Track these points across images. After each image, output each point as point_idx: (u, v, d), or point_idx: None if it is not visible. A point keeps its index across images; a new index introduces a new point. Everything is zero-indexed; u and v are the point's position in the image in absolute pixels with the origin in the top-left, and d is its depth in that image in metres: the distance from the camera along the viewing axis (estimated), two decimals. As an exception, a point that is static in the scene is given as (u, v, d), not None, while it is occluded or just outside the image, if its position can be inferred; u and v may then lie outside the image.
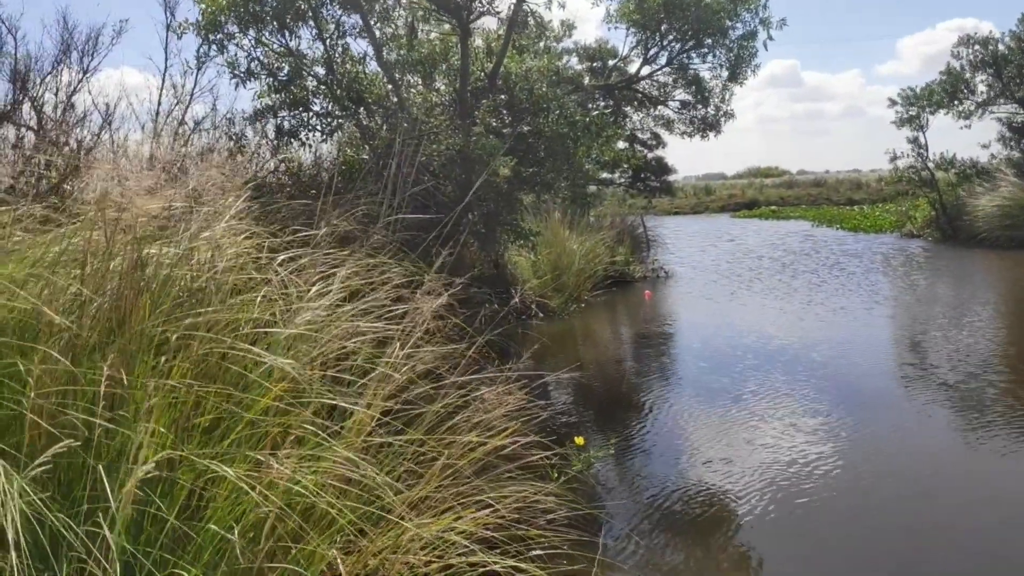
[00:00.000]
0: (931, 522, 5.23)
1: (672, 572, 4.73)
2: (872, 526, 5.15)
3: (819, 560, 4.83)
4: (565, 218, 15.48)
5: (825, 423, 7.18)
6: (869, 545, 4.92)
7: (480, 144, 8.92)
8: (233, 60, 9.36)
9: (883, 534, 5.06)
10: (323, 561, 3.15)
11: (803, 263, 19.17)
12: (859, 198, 45.76)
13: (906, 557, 4.80)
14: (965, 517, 5.25)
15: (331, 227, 4.55)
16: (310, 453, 3.21)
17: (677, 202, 40.57)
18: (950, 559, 4.78)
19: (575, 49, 17.57)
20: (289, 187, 7.75)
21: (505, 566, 3.44)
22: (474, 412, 4.14)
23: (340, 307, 4.00)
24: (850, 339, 10.89)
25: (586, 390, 8.68)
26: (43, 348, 2.90)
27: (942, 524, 5.19)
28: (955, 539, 5.00)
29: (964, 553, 4.82)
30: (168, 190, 4.37)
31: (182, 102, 8.28)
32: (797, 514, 5.36)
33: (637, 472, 6.29)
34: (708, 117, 15.72)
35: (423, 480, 3.66)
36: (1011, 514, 5.26)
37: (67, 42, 7.85)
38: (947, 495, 5.62)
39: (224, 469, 2.78)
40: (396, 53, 10.86)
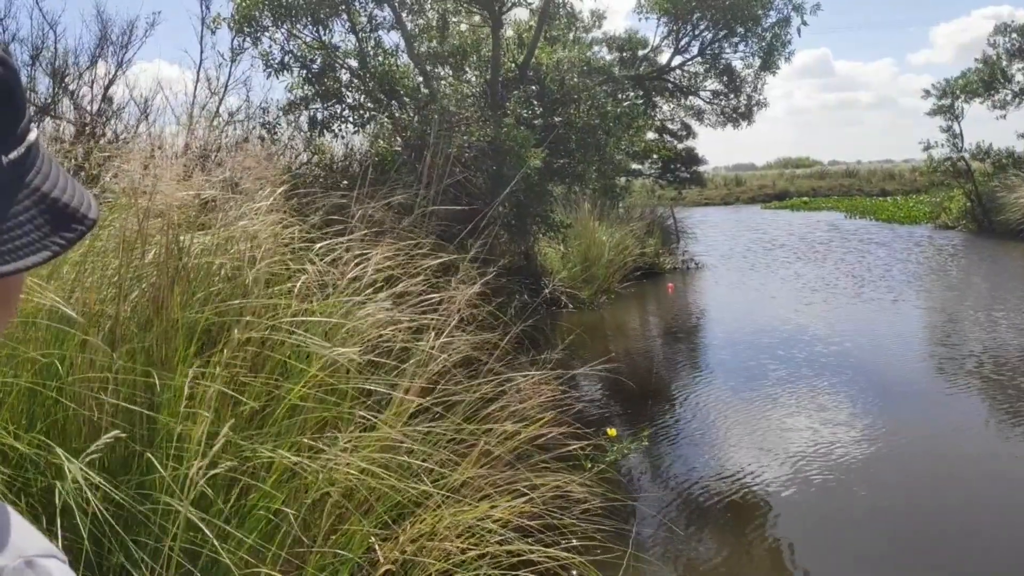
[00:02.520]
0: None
1: (703, 563, 4.71)
2: (905, 521, 5.10)
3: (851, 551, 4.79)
4: (595, 209, 15.43)
5: (856, 414, 7.12)
6: (900, 540, 4.87)
7: (511, 135, 8.91)
8: (267, 53, 9.44)
9: (911, 535, 5.01)
10: (363, 546, 3.18)
11: (835, 254, 18.96)
12: (892, 189, 45.13)
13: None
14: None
15: (366, 217, 4.58)
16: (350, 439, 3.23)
17: (707, 193, 40.24)
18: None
19: (604, 39, 17.48)
20: (322, 178, 7.79)
21: (542, 555, 3.45)
22: (510, 401, 4.15)
23: (376, 295, 4.02)
24: (883, 331, 10.76)
25: (617, 381, 8.65)
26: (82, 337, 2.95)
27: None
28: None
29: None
30: (201, 178, 4.41)
31: (216, 94, 8.35)
32: (829, 506, 5.32)
33: (669, 463, 6.27)
34: (740, 107, 15.56)
35: (460, 467, 3.68)
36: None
37: (103, 35, 7.94)
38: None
39: (283, 454, 2.81)
40: (427, 45, 10.87)
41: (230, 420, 2.99)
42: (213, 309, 3.46)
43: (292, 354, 3.42)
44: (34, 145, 0.68)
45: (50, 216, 0.66)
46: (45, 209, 0.66)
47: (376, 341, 3.77)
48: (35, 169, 0.67)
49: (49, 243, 0.65)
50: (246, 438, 2.98)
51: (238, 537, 2.78)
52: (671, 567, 4.65)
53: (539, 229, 11.08)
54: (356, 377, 3.58)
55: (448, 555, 3.39)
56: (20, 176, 0.65)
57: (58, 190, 0.68)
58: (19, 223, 0.64)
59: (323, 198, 5.12)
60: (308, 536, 3.04)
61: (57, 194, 0.67)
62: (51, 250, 0.65)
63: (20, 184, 0.65)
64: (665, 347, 11.00)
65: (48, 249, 0.65)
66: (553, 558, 3.48)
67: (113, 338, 3.14)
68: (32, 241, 0.64)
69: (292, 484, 2.92)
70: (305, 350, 3.39)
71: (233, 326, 3.23)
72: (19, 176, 0.65)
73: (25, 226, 0.64)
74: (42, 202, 0.66)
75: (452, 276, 4.63)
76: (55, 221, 0.66)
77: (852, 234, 23.95)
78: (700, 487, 5.71)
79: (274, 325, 3.41)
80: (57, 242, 0.66)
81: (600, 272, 14.06)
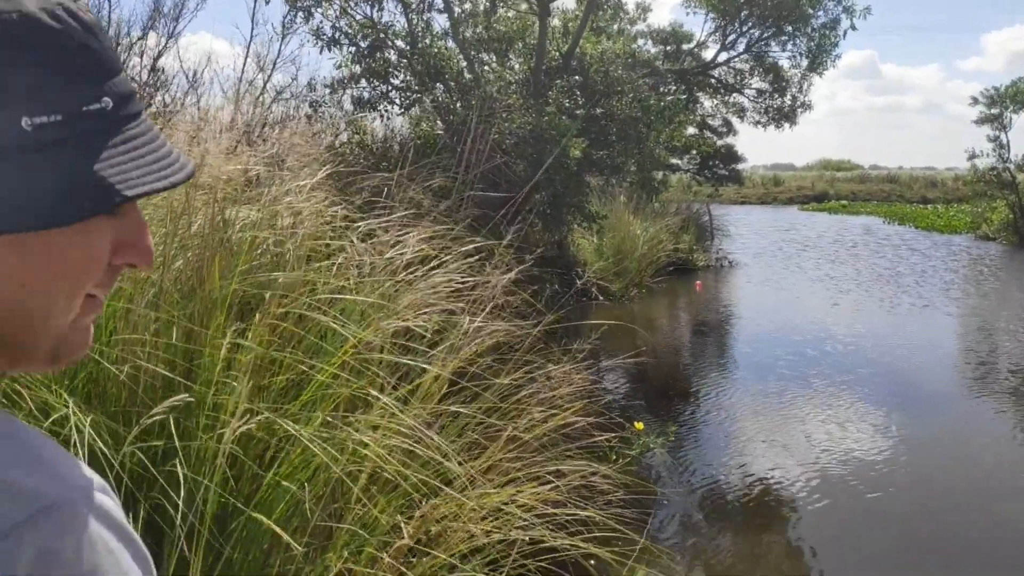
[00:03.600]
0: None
1: (722, 560, 4.72)
2: (926, 530, 5.07)
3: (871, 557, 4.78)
4: (630, 203, 15.38)
5: (881, 419, 7.08)
6: (920, 547, 4.84)
7: (553, 124, 8.90)
8: (318, 28, 9.52)
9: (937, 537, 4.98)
10: (388, 524, 3.23)
11: (869, 259, 18.76)
12: (933, 197, 44.45)
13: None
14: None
15: (406, 197, 4.62)
16: (378, 419, 3.28)
17: (744, 191, 39.92)
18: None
19: (649, 32, 17.36)
20: (362, 159, 7.85)
21: (563, 543, 3.48)
22: (540, 388, 4.18)
23: (412, 276, 4.06)
24: (913, 337, 10.66)
25: (645, 375, 8.65)
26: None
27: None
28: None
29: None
30: (248, 153, 4.47)
31: (265, 70, 8.43)
32: (850, 510, 5.29)
33: (693, 459, 6.27)
34: (784, 107, 15.38)
35: (488, 451, 3.71)
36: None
37: (156, 6, 8.05)
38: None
39: (294, 427, 2.86)
40: (473, 30, 10.87)
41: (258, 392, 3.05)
42: (252, 281, 3.51)
43: (327, 332, 3.47)
44: (116, 103, 0.69)
45: (153, 159, 0.69)
46: (147, 152, 0.69)
47: (410, 323, 3.80)
48: (137, 122, 0.70)
49: (156, 179, 0.68)
50: (275, 411, 3.03)
51: (267, 507, 2.84)
52: (691, 563, 4.67)
53: (574, 219, 11.06)
54: (388, 357, 3.63)
55: (472, 537, 3.43)
56: (118, 124, 0.68)
57: (158, 144, 0.70)
58: (122, 161, 0.67)
59: (365, 178, 5.16)
60: (334, 512, 3.09)
61: (157, 146, 0.70)
62: (163, 184, 0.68)
63: (109, 133, 0.67)
64: (694, 343, 10.97)
65: (160, 182, 0.68)
66: (575, 546, 3.51)
67: (157, 304, 3.21)
68: (143, 175, 0.67)
69: (318, 460, 2.96)
70: (339, 328, 3.44)
71: (270, 299, 3.28)
72: (117, 124, 0.68)
73: (132, 162, 0.67)
74: (148, 143, 0.69)
75: (487, 262, 4.66)
76: (157, 166, 0.69)
77: (889, 239, 23.64)
78: (723, 485, 5.71)
79: (310, 302, 3.46)
80: (164, 176, 0.69)
81: (632, 266, 14.03)
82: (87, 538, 0.62)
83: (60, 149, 0.65)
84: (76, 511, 0.63)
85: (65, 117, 0.65)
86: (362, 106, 9.72)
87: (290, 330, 3.34)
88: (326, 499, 3.12)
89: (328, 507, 3.12)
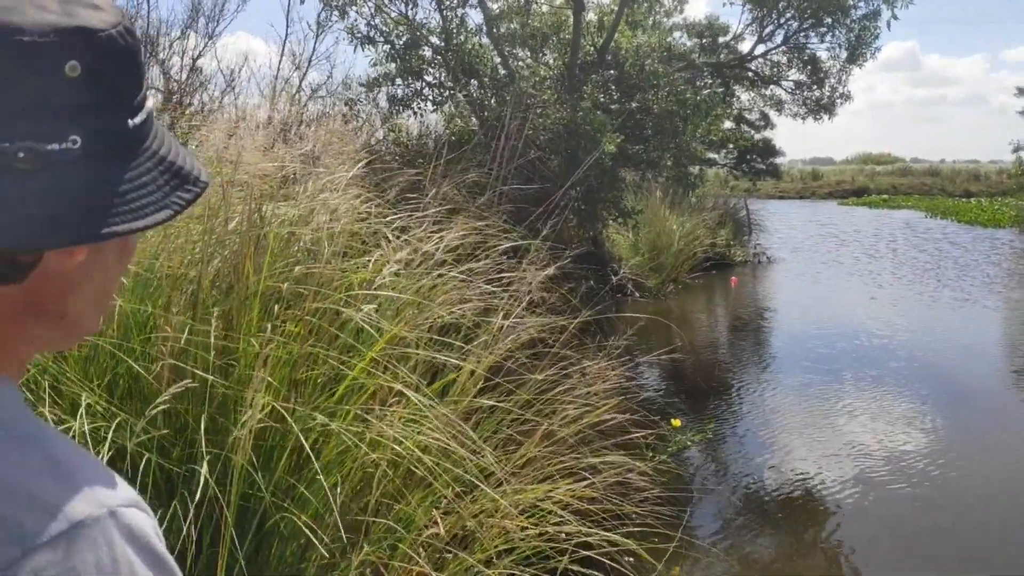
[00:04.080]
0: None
1: (758, 559, 4.67)
2: (970, 531, 4.96)
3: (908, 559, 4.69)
4: (666, 198, 15.26)
5: (923, 416, 6.95)
6: (963, 549, 4.74)
7: (587, 119, 8.86)
8: (353, 25, 9.58)
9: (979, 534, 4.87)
10: (424, 519, 3.23)
11: (910, 253, 18.44)
12: (976, 190, 43.54)
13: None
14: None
15: (440, 194, 4.62)
16: (412, 414, 3.28)
17: (782, 186, 39.44)
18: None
19: (684, 25, 17.19)
20: (398, 156, 7.88)
21: (599, 539, 3.46)
22: (575, 385, 4.16)
23: (447, 272, 4.06)
24: (954, 333, 10.46)
25: (681, 372, 8.59)
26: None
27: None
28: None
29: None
30: (284, 151, 4.50)
31: (300, 68, 8.50)
32: (890, 511, 5.20)
33: (730, 457, 6.21)
34: (823, 99, 15.13)
35: (523, 447, 3.70)
36: None
37: (196, 7, 8.15)
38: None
39: (326, 419, 2.87)
40: (507, 26, 10.85)
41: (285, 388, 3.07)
42: (287, 275, 3.53)
43: (362, 328, 3.47)
44: (151, 113, 0.73)
45: (168, 177, 0.71)
46: (164, 171, 0.71)
47: (445, 318, 3.81)
48: (152, 135, 0.72)
49: (169, 203, 0.70)
50: (311, 406, 3.05)
51: (301, 502, 2.86)
52: (729, 560, 4.62)
53: (609, 215, 11.00)
54: (423, 353, 3.63)
55: (507, 532, 3.43)
56: (140, 140, 0.70)
57: (172, 154, 0.72)
58: (142, 183, 0.68)
59: (399, 175, 5.18)
60: (369, 507, 3.10)
61: (173, 158, 0.72)
62: (172, 209, 0.70)
63: (140, 148, 0.70)
64: (731, 340, 10.87)
65: (169, 208, 0.70)
66: (611, 542, 3.49)
67: (195, 301, 3.24)
68: (154, 201, 0.69)
69: (352, 455, 2.97)
70: (375, 324, 3.45)
71: (306, 295, 3.30)
72: (140, 140, 0.70)
73: (148, 186, 0.69)
74: (160, 164, 0.71)
75: (522, 258, 4.64)
76: (173, 182, 0.71)
77: (930, 233, 23.22)
78: (760, 482, 5.65)
79: (345, 297, 3.48)
80: (176, 202, 0.71)
81: (669, 261, 13.92)
82: (111, 558, 0.61)
83: (145, 150, 0.70)
84: (103, 530, 0.62)
85: (144, 119, 0.71)
86: (396, 104, 9.76)
87: (325, 328, 3.36)
88: (360, 495, 3.13)
89: (363, 502, 3.13)
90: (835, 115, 15.27)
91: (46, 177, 0.63)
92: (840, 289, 14.19)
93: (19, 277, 0.66)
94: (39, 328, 0.71)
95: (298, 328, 3.20)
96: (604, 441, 4.19)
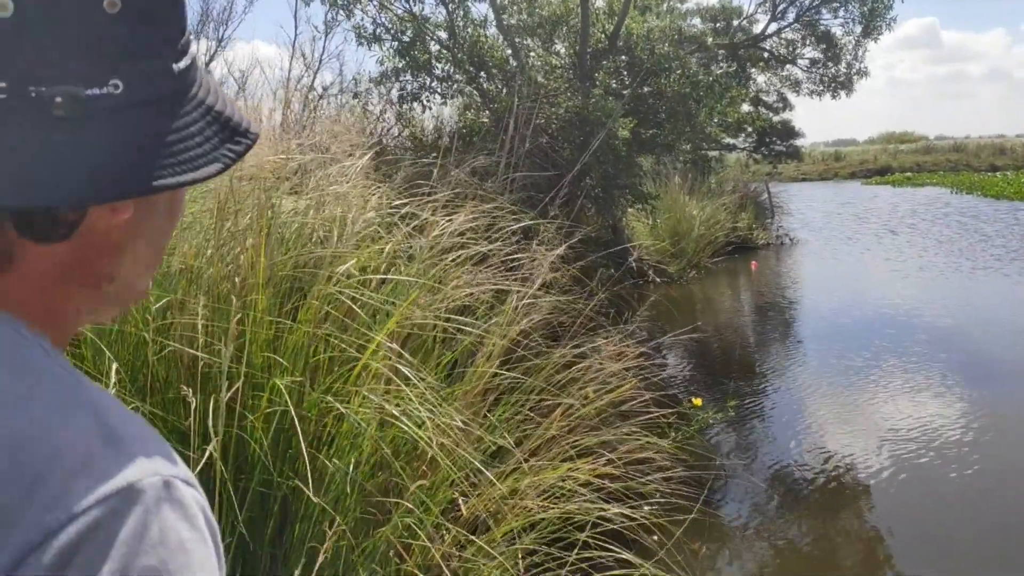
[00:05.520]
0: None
1: (784, 540, 4.63)
2: (1005, 512, 4.88)
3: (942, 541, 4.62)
4: (685, 183, 15.18)
5: (953, 395, 6.83)
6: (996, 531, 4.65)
7: (599, 106, 8.82)
8: (359, 25, 9.62)
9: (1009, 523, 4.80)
10: (444, 501, 3.24)
11: (935, 230, 18.19)
12: (1002, 164, 42.86)
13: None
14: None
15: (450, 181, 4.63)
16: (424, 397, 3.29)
17: (804, 168, 39.07)
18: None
19: (697, 11, 17.08)
20: (411, 150, 7.91)
21: (619, 515, 3.46)
22: (593, 364, 4.16)
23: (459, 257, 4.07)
24: (984, 309, 10.28)
25: (702, 353, 8.55)
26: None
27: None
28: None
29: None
30: (293, 142, 4.53)
31: (311, 68, 8.55)
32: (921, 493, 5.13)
33: (753, 437, 6.16)
34: (839, 75, 14.96)
35: (542, 426, 3.71)
36: None
37: (205, 12, 8.22)
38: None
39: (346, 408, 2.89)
40: (515, 17, 10.84)
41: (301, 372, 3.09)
42: (298, 266, 3.56)
43: (376, 313, 3.50)
44: (196, 59, 0.68)
45: (218, 128, 0.67)
46: (212, 121, 0.67)
47: (459, 300, 3.82)
48: (197, 82, 0.68)
49: (219, 155, 0.66)
50: (328, 391, 3.07)
51: (321, 484, 2.88)
52: (752, 538, 4.59)
53: (627, 202, 10.96)
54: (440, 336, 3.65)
55: (529, 511, 3.43)
56: (186, 88, 0.66)
57: (220, 104, 0.68)
58: (189, 134, 0.64)
59: (409, 166, 5.20)
60: (391, 487, 3.12)
61: (220, 108, 0.68)
62: (222, 162, 0.66)
63: (187, 96, 0.66)
64: (755, 322, 10.79)
65: (219, 161, 0.66)
66: (632, 518, 3.48)
67: (209, 292, 3.27)
68: (203, 153, 0.65)
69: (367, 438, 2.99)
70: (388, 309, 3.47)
71: (318, 281, 3.32)
72: (185, 87, 0.66)
73: (195, 137, 0.65)
74: (208, 114, 0.67)
75: (535, 243, 4.65)
76: (222, 134, 0.67)
77: (956, 209, 22.89)
78: (784, 460, 5.60)
79: (360, 280, 3.50)
80: (226, 154, 0.67)
81: (690, 246, 13.85)
82: (158, 528, 0.57)
83: (192, 98, 0.67)
84: (154, 498, 0.58)
85: (189, 64, 0.67)
86: (405, 98, 9.79)
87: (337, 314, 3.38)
88: (380, 476, 3.15)
89: (380, 483, 3.15)
90: (852, 91, 15.09)
91: (87, 126, 0.59)
92: (864, 268, 14.05)
93: (63, 236, 0.62)
94: (87, 292, 0.67)
95: (311, 314, 3.23)
96: (624, 420, 4.19)
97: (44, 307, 0.65)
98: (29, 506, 0.55)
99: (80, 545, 0.54)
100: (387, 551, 3.04)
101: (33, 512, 0.55)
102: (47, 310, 0.65)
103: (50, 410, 0.59)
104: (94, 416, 0.60)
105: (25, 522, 0.54)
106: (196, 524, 0.60)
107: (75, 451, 0.57)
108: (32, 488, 0.55)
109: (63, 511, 0.55)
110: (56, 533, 0.54)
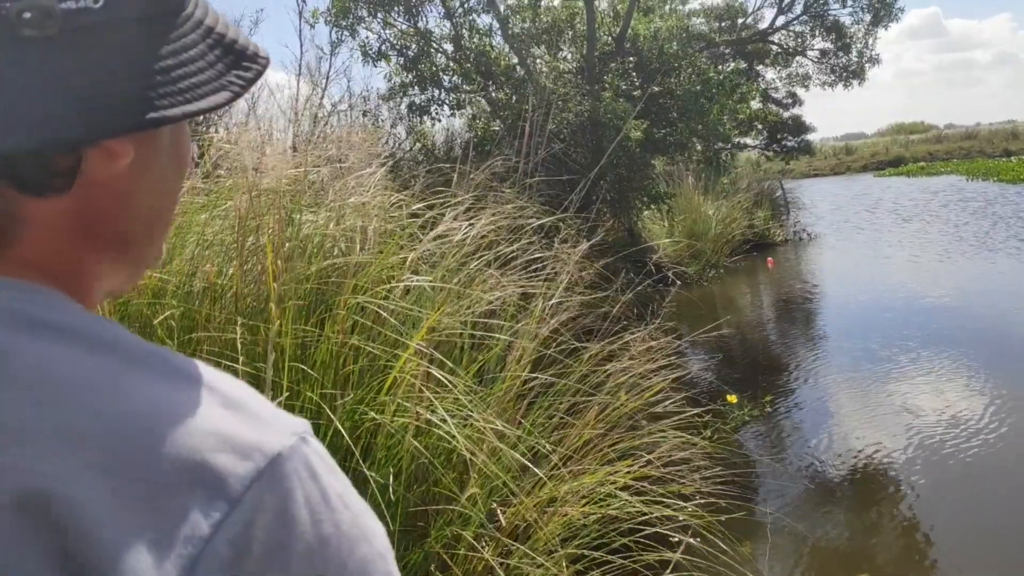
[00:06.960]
0: None
1: (825, 536, 4.52)
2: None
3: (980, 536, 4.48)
4: (699, 183, 15.10)
5: (986, 388, 6.64)
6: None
7: (609, 108, 8.78)
8: (364, 43, 9.63)
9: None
10: (484, 510, 3.17)
11: (952, 218, 17.96)
12: (1016, 149, 42.51)
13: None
14: None
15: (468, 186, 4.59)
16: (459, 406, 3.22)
17: (815, 163, 38.90)
18: None
19: (702, 11, 17.06)
20: (424, 162, 7.89)
21: (662, 518, 3.38)
22: (624, 364, 4.08)
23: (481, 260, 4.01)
24: (1010, 297, 10.09)
25: (731, 353, 8.43)
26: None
27: None
28: None
29: None
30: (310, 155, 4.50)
31: (318, 86, 8.55)
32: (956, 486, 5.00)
33: (789, 434, 6.04)
34: (850, 64, 14.86)
35: (576, 430, 3.63)
36: None
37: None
38: None
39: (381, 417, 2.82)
40: (520, 25, 10.83)
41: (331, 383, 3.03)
42: (322, 277, 3.51)
43: (405, 320, 3.44)
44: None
45: (221, 52, 0.58)
46: (214, 44, 0.57)
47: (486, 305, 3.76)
48: (194, 1, 0.58)
49: (226, 83, 0.57)
50: (361, 402, 3.01)
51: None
52: (798, 537, 4.48)
53: (642, 204, 10.90)
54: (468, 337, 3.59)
55: (569, 518, 3.35)
56: (179, 4, 0.57)
57: (221, 26, 0.59)
58: (189, 58, 0.55)
59: (427, 173, 5.16)
60: (429, 498, 3.05)
61: (222, 30, 0.59)
62: (231, 91, 0.57)
63: (181, 15, 0.56)
64: (780, 319, 10.67)
65: (227, 89, 0.57)
66: (672, 520, 3.40)
67: (235, 309, 3.22)
68: (206, 80, 0.55)
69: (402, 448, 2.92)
70: (415, 316, 3.41)
71: (343, 291, 3.27)
72: (179, 3, 0.57)
73: (196, 62, 0.55)
74: (208, 36, 0.57)
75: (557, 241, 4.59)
76: (227, 59, 0.58)
77: (972, 195, 22.65)
78: (823, 456, 5.48)
79: (385, 290, 3.44)
80: (235, 82, 0.57)
81: (707, 247, 13.74)
82: (318, 490, 0.52)
83: (188, 17, 0.57)
84: (304, 460, 0.52)
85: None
86: (414, 112, 9.78)
87: (366, 321, 3.32)
88: (417, 487, 3.08)
89: (419, 494, 3.08)
90: (865, 79, 14.97)
91: (64, 49, 0.49)
92: (883, 260, 13.89)
93: (61, 188, 0.53)
94: (101, 254, 0.58)
95: (339, 324, 3.17)
96: (659, 421, 4.10)
97: (65, 273, 0.56)
98: (179, 496, 0.47)
99: (253, 534, 0.48)
100: (427, 564, 2.96)
101: (181, 501, 0.47)
102: (68, 276, 0.56)
103: (154, 383, 0.51)
104: (198, 380, 0.53)
105: (184, 516, 0.47)
106: (337, 470, 0.55)
107: (204, 425, 0.50)
108: (173, 475, 0.47)
109: (223, 501, 0.48)
110: (221, 524, 0.47)
